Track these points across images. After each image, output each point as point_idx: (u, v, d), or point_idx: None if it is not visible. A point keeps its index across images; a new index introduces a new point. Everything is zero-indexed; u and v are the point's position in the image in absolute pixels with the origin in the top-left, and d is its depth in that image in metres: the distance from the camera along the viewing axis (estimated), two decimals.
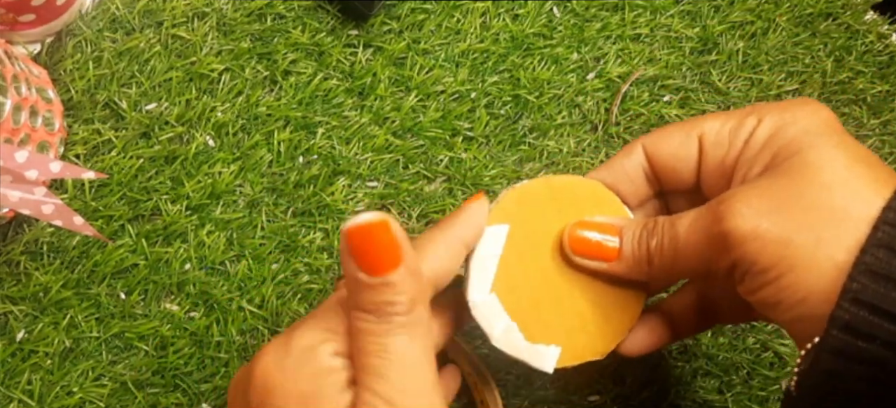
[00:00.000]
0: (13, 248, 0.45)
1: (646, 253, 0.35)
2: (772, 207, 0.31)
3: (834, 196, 0.30)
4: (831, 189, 0.30)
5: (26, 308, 0.45)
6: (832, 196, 0.30)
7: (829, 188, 0.31)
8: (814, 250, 0.30)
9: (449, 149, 0.51)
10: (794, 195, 0.31)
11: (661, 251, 0.35)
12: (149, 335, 0.45)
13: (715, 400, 0.49)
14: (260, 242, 0.47)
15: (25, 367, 0.44)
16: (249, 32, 0.50)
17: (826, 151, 0.32)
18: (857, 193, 0.30)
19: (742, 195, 0.32)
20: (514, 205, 0.37)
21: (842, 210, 0.30)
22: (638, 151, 0.38)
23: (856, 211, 0.30)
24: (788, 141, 0.33)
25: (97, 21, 0.49)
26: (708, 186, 0.37)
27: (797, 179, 0.31)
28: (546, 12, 0.54)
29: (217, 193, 0.48)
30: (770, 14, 0.58)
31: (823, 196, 0.30)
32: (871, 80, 0.58)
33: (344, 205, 0.49)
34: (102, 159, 0.47)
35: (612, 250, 0.36)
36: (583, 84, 0.54)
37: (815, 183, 0.31)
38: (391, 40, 0.52)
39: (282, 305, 0.47)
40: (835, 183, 0.31)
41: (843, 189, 0.30)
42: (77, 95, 0.48)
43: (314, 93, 0.50)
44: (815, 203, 0.30)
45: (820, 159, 0.31)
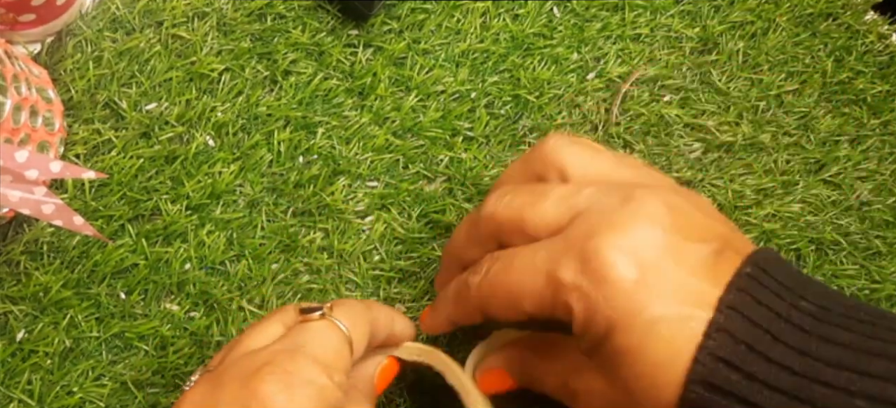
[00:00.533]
0: (13, 248, 0.45)
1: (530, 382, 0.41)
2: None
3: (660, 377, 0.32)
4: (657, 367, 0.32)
5: (26, 308, 0.45)
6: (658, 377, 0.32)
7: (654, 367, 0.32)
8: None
9: (449, 149, 0.51)
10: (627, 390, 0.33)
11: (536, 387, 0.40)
12: (149, 335, 0.45)
13: None
14: (260, 242, 0.47)
15: (25, 367, 0.44)
16: (249, 32, 0.50)
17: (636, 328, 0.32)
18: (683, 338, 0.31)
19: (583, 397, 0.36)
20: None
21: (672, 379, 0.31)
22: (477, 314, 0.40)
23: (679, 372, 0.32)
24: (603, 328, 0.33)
25: (97, 21, 0.49)
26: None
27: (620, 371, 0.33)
28: (546, 12, 0.54)
29: (217, 193, 0.48)
30: (770, 14, 0.58)
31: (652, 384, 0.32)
32: (871, 80, 0.58)
33: (344, 205, 0.49)
34: (102, 159, 0.47)
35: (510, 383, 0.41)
36: (583, 84, 0.54)
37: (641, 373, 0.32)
38: (391, 40, 0.52)
39: (282, 304, 0.47)
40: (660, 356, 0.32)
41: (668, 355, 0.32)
42: (77, 95, 0.48)
43: (314, 93, 0.50)
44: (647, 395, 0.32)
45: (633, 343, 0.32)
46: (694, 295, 0.32)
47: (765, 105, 0.56)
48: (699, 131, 0.55)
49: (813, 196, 0.54)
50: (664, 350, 0.31)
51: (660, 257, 0.33)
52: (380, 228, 0.49)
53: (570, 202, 0.36)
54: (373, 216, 0.49)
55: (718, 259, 0.33)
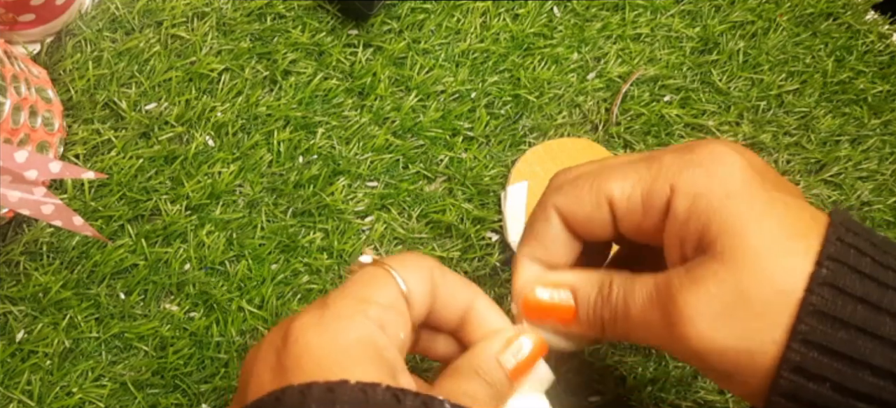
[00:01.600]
0: (13, 248, 0.45)
1: (600, 322, 0.35)
2: (724, 312, 0.31)
3: (778, 285, 0.30)
4: (774, 280, 0.30)
5: (26, 308, 0.45)
6: (777, 286, 0.30)
7: (772, 280, 0.30)
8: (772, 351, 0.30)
9: (449, 149, 0.51)
10: (743, 296, 0.31)
11: (614, 325, 0.34)
12: (148, 336, 0.45)
13: (715, 400, 0.49)
14: (260, 243, 0.47)
15: (25, 367, 0.44)
16: (249, 32, 0.50)
17: (758, 227, 0.31)
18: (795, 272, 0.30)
19: (691, 297, 0.31)
20: (526, 166, 0.49)
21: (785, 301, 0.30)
22: (554, 218, 0.36)
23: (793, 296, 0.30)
24: (711, 216, 0.32)
25: (97, 21, 0.49)
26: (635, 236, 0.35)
27: (740, 273, 0.31)
28: (546, 12, 0.54)
29: (217, 194, 0.48)
30: (771, 14, 0.57)
31: (769, 290, 0.30)
32: (871, 79, 0.58)
33: (344, 205, 0.49)
34: (102, 159, 0.47)
35: (570, 313, 0.35)
36: (583, 84, 0.53)
37: (758, 276, 0.30)
38: (391, 40, 0.52)
39: (282, 305, 0.47)
40: (775, 271, 0.30)
41: (783, 274, 0.30)
42: (77, 95, 0.48)
43: (314, 93, 0.50)
44: (763, 300, 0.30)
45: (755, 243, 0.31)
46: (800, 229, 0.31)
47: (765, 105, 0.56)
48: (700, 131, 0.55)
49: (814, 196, 0.54)
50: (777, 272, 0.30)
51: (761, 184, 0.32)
52: (380, 228, 0.49)
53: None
54: (373, 216, 0.49)
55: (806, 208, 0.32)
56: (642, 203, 0.34)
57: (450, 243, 0.49)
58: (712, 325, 0.31)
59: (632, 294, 0.33)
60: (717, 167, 0.32)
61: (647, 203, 0.33)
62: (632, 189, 0.34)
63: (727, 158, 0.32)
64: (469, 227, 0.49)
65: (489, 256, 0.49)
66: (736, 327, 0.31)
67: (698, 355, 0.31)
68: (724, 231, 0.31)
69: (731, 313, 0.31)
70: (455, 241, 0.49)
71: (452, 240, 0.49)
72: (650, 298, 0.33)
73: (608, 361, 0.49)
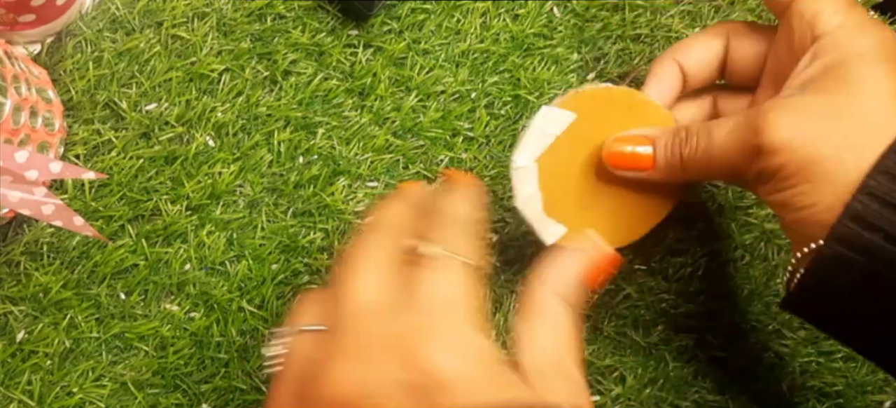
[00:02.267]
0: (13, 248, 0.45)
1: (678, 160, 0.37)
2: (808, 122, 0.32)
3: (870, 111, 0.32)
4: (869, 105, 0.32)
5: (26, 309, 0.45)
6: (868, 111, 0.32)
7: (868, 104, 0.32)
8: (838, 163, 0.32)
9: (449, 149, 0.51)
10: (832, 110, 0.32)
11: (693, 158, 0.37)
12: (149, 336, 0.45)
13: (715, 401, 0.49)
14: (260, 243, 0.47)
15: (25, 367, 0.44)
16: (249, 32, 0.50)
17: (874, 70, 0.33)
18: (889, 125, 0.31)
19: (782, 109, 0.33)
20: (587, 101, 0.41)
21: (876, 125, 0.32)
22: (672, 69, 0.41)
23: (890, 125, 0.31)
24: (839, 62, 0.33)
25: (97, 21, 0.49)
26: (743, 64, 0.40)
27: (839, 95, 0.33)
28: (546, 12, 0.54)
29: (217, 194, 0.48)
30: (771, 14, 0.57)
31: (859, 111, 0.32)
32: None
33: (344, 205, 0.49)
34: (102, 160, 0.47)
35: (647, 160, 0.39)
36: (583, 85, 0.54)
37: (855, 99, 0.32)
38: (391, 40, 0.52)
39: (282, 305, 0.47)
40: (875, 99, 0.32)
41: (881, 106, 0.32)
42: (77, 96, 0.48)
43: (314, 93, 0.50)
44: (850, 117, 0.32)
45: (864, 78, 0.32)
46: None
47: None
48: None
49: None
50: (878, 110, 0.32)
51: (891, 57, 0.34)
52: None
53: None
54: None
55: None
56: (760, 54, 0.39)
57: None
58: (791, 124, 0.32)
59: (715, 126, 0.36)
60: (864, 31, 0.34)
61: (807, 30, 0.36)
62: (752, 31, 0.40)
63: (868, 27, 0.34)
64: None
65: (489, 256, 0.49)
66: (813, 128, 0.32)
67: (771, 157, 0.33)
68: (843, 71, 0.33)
69: (815, 124, 0.32)
70: None
71: None
72: (737, 122, 0.35)
73: (608, 361, 0.49)
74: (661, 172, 0.39)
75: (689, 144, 0.37)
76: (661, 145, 0.39)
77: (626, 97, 0.41)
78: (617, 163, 0.40)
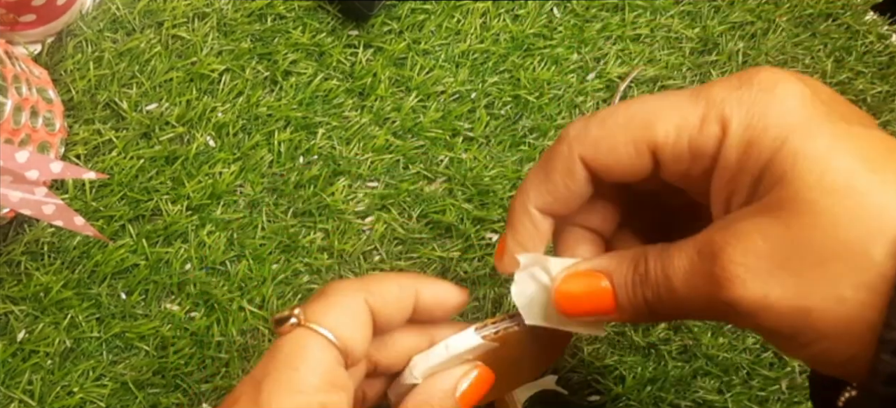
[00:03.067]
0: (14, 248, 0.45)
1: (643, 304, 0.31)
2: (775, 265, 0.26)
3: (843, 233, 0.25)
4: (837, 225, 0.25)
5: (27, 308, 0.45)
6: (841, 234, 0.25)
7: (835, 225, 0.25)
8: (838, 312, 0.25)
9: (449, 149, 0.51)
10: (798, 245, 0.26)
11: (660, 303, 0.30)
12: (149, 335, 0.45)
13: (715, 400, 0.49)
14: (260, 243, 0.48)
15: (26, 367, 0.44)
16: (250, 33, 0.51)
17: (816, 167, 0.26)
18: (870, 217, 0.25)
19: (737, 254, 0.27)
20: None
21: (858, 251, 0.25)
22: (579, 171, 0.32)
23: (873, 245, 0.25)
24: (768, 159, 0.27)
25: (98, 21, 0.49)
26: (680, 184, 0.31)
27: (795, 222, 0.26)
28: (546, 13, 0.54)
29: (217, 194, 0.48)
30: (770, 15, 0.58)
31: (831, 238, 0.25)
32: (871, 80, 0.58)
33: (344, 205, 0.49)
34: (103, 160, 0.47)
35: (607, 299, 0.31)
36: (583, 84, 0.54)
37: (818, 224, 0.25)
38: (391, 41, 0.52)
39: (282, 305, 0.47)
40: (840, 215, 0.25)
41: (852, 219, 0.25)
42: (78, 96, 0.48)
43: (314, 93, 0.50)
44: (823, 252, 0.25)
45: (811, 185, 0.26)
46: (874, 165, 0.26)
47: None
48: None
49: None
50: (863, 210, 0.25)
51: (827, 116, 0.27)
52: (380, 228, 0.49)
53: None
54: (373, 216, 0.49)
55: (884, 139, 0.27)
56: (689, 150, 0.29)
57: (450, 243, 0.49)
58: (762, 282, 0.26)
59: (671, 265, 0.29)
60: (772, 100, 0.27)
61: (696, 149, 0.29)
62: (677, 134, 0.29)
63: (783, 88, 0.28)
64: (469, 227, 0.49)
65: (489, 256, 0.49)
66: (789, 283, 0.26)
67: (752, 318, 0.27)
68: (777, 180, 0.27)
69: (783, 268, 0.26)
70: (455, 241, 0.49)
71: (452, 240, 0.49)
72: (692, 265, 0.28)
73: (608, 360, 0.49)
74: (627, 315, 0.31)
75: (650, 287, 0.30)
76: (619, 283, 0.31)
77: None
78: (573, 306, 0.32)
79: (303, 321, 0.30)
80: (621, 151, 0.30)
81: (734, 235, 0.27)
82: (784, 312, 0.26)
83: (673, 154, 0.29)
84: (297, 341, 0.30)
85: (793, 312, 0.26)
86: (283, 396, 0.29)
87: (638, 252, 0.31)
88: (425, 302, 0.34)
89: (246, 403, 0.29)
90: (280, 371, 0.29)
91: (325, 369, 0.30)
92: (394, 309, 0.33)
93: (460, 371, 0.34)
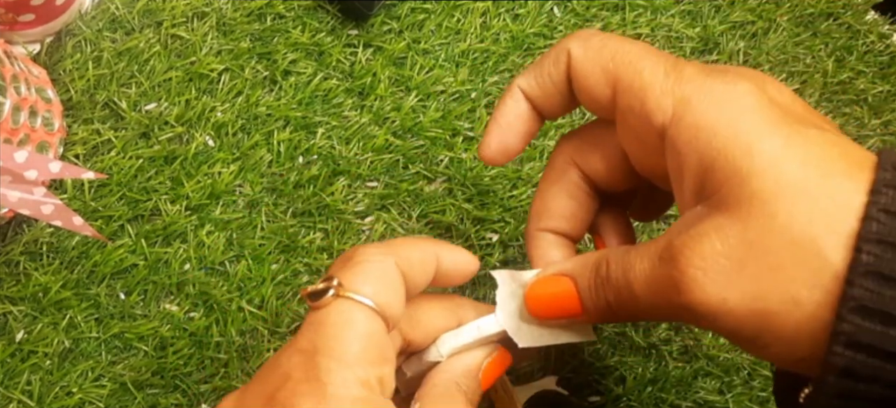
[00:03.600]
0: (12, 248, 0.45)
1: (606, 306, 0.31)
2: (732, 268, 0.26)
3: (798, 234, 0.26)
4: (792, 227, 0.26)
5: (26, 308, 0.45)
6: (795, 235, 0.26)
7: (790, 227, 0.26)
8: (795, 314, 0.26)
9: (449, 149, 0.51)
10: (754, 247, 0.26)
11: (621, 306, 0.31)
12: (148, 336, 0.45)
13: (715, 401, 0.49)
14: (260, 243, 0.47)
15: (25, 367, 0.44)
16: (249, 32, 0.50)
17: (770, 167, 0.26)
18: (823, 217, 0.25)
19: (695, 257, 0.27)
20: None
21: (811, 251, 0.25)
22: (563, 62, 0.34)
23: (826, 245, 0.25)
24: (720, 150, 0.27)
25: (97, 21, 0.49)
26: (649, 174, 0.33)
27: (752, 222, 0.26)
28: (546, 12, 0.54)
29: (217, 194, 0.48)
30: (771, 14, 0.57)
31: (787, 240, 0.26)
32: (872, 80, 0.58)
33: (344, 205, 0.49)
34: (102, 159, 0.47)
35: (573, 302, 0.33)
36: None
37: (774, 225, 0.26)
38: (391, 40, 0.52)
39: (282, 305, 0.47)
40: (795, 216, 0.26)
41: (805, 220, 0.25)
42: (76, 95, 0.48)
43: (314, 93, 0.50)
44: (779, 253, 0.26)
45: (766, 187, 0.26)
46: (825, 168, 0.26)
47: None
48: None
49: None
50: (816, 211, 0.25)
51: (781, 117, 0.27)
52: (380, 228, 0.49)
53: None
54: (373, 216, 0.49)
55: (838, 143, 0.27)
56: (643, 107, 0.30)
57: None
58: (721, 286, 0.27)
59: (631, 268, 0.30)
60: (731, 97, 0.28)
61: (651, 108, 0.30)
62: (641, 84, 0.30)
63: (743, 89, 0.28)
64: (469, 227, 0.49)
65: (489, 256, 0.49)
66: (747, 287, 0.26)
67: (712, 321, 0.27)
68: (729, 178, 0.27)
69: (740, 271, 0.26)
70: (455, 241, 0.49)
71: (452, 240, 0.49)
72: (653, 268, 0.29)
73: (608, 361, 0.49)
74: (593, 316, 0.32)
75: (611, 289, 0.31)
76: (583, 286, 0.32)
77: None
78: (543, 310, 0.33)
79: (341, 292, 0.29)
80: (593, 70, 0.32)
81: (691, 238, 0.27)
82: (743, 315, 0.27)
83: (628, 101, 0.30)
84: (341, 313, 0.29)
85: (751, 315, 0.26)
86: (343, 370, 0.28)
87: (600, 255, 0.32)
88: (445, 267, 0.34)
89: (301, 378, 0.28)
90: (331, 345, 0.29)
91: (375, 341, 0.29)
92: (419, 273, 0.33)
93: (483, 352, 0.34)
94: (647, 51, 0.31)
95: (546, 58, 0.34)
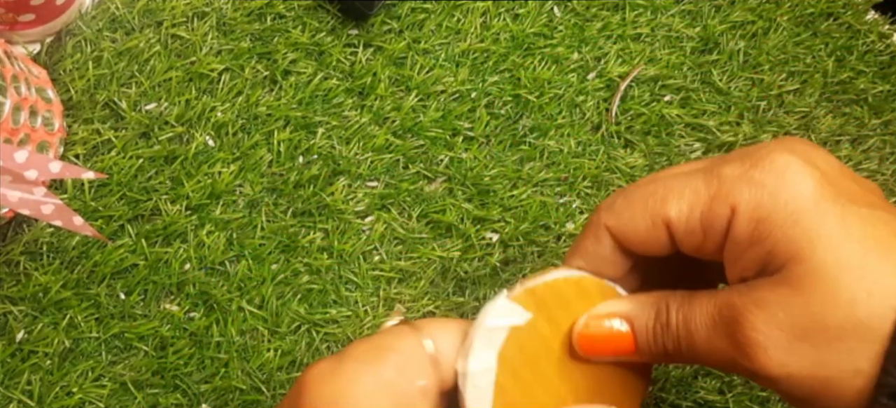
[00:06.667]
0: (13, 248, 0.45)
1: (663, 350, 0.32)
2: (794, 337, 0.29)
3: (861, 311, 0.28)
4: (854, 303, 0.28)
5: (26, 308, 0.45)
6: (858, 311, 0.28)
7: (852, 303, 0.28)
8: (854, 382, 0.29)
9: (449, 149, 0.51)
10: (816, 319, 0.28)
11: (679, 352, 0.32)
12: (148, 336, 0.45)
13: (716, 401, 0.49)
14: (260, 243, 0.47)
15: (25, 367, 0.44)
16: (249, 32, 0.50)
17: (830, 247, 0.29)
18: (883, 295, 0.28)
19: (759, 322, 0.29)
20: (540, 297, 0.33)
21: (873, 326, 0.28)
22: (605, 237, 0.34)
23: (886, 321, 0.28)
24: (776, 242, 0.29)
25: (97, 21, 0.49)
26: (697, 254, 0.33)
27: (814, 298, 0.29)
28: (546, 12, 0.54)
29: (217, 193, 0.48)
30: (771, 14, 0.57)
31: (849, 315, 0.28)
32: (872, 80, 0.58)
33: (344, 205, 0.49)
34: (102, 159, 0.47)
35: (627, 342, 0.33)
36: (583, 84, 0.53)
37: (837, 301, 0.28)
38: (391, 40, 0.52)
39: (282, 305, 0.47)
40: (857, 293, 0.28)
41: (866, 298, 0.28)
42: (77, 95, 0.48)
43: (314, 93, 0.50)
44: (843, 327, 0.28)
45: (828, 264, 0.29)
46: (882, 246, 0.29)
47: (765, 105, 0.56)
48: (700, 131, 0.55)
49: None
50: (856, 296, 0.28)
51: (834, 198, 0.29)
52: (380, 228, 0.49)
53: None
54: (373, 216, 0.49)
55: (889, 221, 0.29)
56: (701, 225, 0.31)
57: (450, 243, 0.49)
58: (784, 351, 0.29)
59: (693, 318, 0.31)
60: (782, 184, 0.30)
61: (707, 225, 0.31)
62: (689, 210, 0.31)
63: (792, 172, 0.30)
64: (469, 227, 0.49)
65: (489, 256, 0.49)
66: (809, 355, 0.29)
67: (771, 383, 0.30)
68: (791, 258, 0.29)
69: (803, 340, 0.29)
70: (455, 241, 0.49)
71: (452, 240, 0.49)
72: (713, 322, 0.31)
73: None
74: (645, 356, 0.33)
75: (671, 336, 0.32)
76: (640, 327, 0.33)
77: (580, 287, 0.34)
78: (593, 348, 0.33)
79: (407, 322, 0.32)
80: (639, 224, 0.32)
81: (754, 303, 0.29)
82: (804, 380, 0.29)
83: (686, 229, 0.32)
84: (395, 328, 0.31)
85: (812, 380, 0.29)
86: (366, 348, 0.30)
87: (659, 298, 0.33)
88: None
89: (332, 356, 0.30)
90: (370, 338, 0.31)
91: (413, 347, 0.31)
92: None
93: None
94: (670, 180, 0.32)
95: (584, 236, 0.34)
